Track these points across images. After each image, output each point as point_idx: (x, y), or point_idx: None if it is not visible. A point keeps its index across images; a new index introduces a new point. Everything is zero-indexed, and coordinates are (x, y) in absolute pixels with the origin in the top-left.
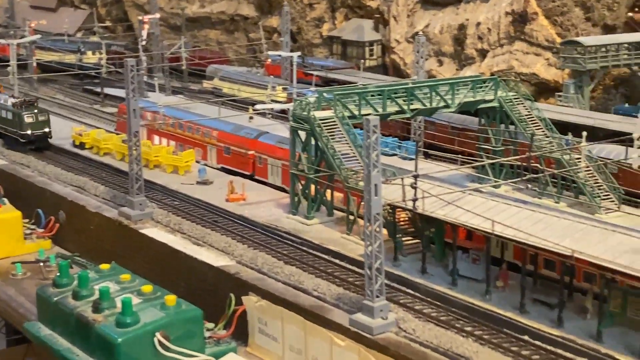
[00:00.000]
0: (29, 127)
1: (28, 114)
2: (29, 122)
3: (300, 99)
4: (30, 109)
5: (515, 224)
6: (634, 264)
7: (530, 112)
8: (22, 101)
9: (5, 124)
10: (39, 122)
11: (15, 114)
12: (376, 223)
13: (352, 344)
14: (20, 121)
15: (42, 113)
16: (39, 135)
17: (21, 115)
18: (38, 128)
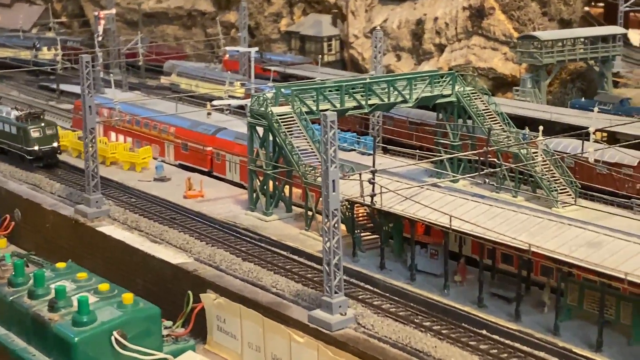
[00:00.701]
0: (35, 142)
1: (34, 128)
2: (36, 136)
3: (258, 95)
4: (37, 122)
5: (473, 219)
6: (590, 257)
7: (487, 106)
8: (27, 113)
9: (9, 139)
10: (47, 137)
11: (20, 128)
12: (334, 219)
13: (311, 341)
14: (26, 136)
15: (50, 126)
16: (47, 151)
17: (27, 130)
18: (46, 143)
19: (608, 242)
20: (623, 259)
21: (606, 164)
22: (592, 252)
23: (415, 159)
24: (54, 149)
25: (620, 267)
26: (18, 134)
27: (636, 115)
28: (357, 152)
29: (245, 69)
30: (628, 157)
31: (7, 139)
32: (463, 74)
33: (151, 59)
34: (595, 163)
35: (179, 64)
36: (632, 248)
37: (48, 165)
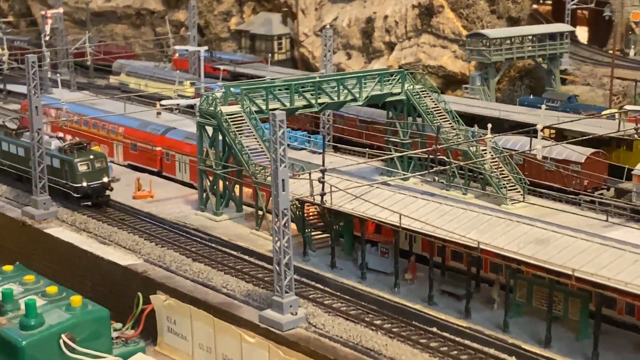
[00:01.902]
0: (83, 177)
1: (81, 161)
2: (84, 171)
3: (207, 94)
4: (84, 154)
5: (422, 217)
6: (538, 254)
7: (437, 104)
8: (71, 144)
9: (51, 173)
10: (96, 171)
11: (65, 162)
12: (284, 218)
13: (262, 341)
14: (72, 170)
15: (99, 159)
16: (97, 188)
17: (73, 163)
18: (95, 178)
19: (556, 239)
20: (571, 255)
21: (554, 161)
22: (540, 249)
23: (365, 158)
24: (103, 185)
25: (568, 264)
26: (62, 168)
27: (583, 112)
28: (307, 151)
29: (195, 68)
30: (576, 154)
31: (50, 173)
32: (413, 72)
33: (100, 58)
34: (544, 160)
35: (128, 63)
36: (579, 244)
37: (97, 204)
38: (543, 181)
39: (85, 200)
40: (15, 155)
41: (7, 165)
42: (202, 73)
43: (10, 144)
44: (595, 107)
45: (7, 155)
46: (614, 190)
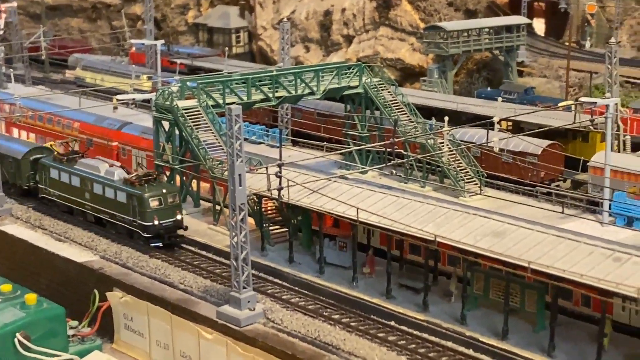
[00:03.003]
0: (154, 214)
1: (153, 196)
2: (155, 207)
3: (163, 89)
4: (155, 187)
5: (380, 210)
6: (494, 246)
7: (394, 97)
8: (139, 176)
9: (113, 208)
10: (168, 207)
11: (133, 196)
12: (241, 213)
13: (220, 337)
14: (142, 206)
15: (171, 193)
16: (169, 227)
17: (143, 199)
18: (167, 216)
19: (512, 231)
20: (527, 247)
21: (511, 153)
22: (496, 242)
23: (323, 151)
24: (176, 224)
25: (524, 256)
26: (129, 203)
27: (540, 104)
28: (265, 144)
29: (152, 62)
30: (532, 146)
31: (110, 207)
32: (370, 65)
33: (55, 52)
34: (500, 152)
35: (84, 57)
36: (535, 236)
37: (169, 245)
38: (500, 173)
39: (155, 241)
40: (68, 186)
41: (56, 196)
42: (159, 67)
43: (62, 172)
44: (552, 99)
45: (57, 185)
46: (570, 182)
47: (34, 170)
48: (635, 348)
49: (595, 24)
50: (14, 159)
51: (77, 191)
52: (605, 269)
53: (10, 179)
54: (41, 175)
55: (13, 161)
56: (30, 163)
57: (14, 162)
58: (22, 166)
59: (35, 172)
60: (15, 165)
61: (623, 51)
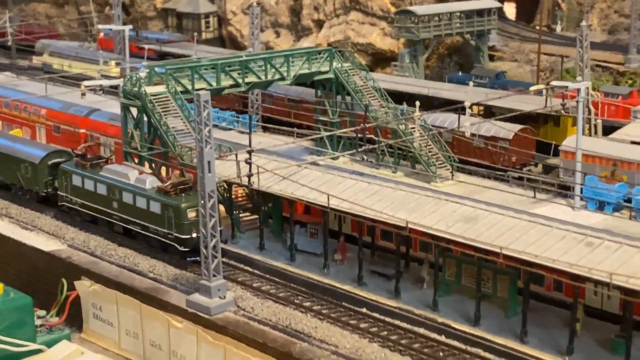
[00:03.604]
0: (192, 227)
1: (191, 206)
2: (193, 218)
3: (130, 75)
4: (192, 197)
5: (351, 197)
6: (466, 232)
7: (365, 82)
8: (174, 184)
9: (145, 219)
10: None
11: (168, 207)
12: (211, 201)
13: (190, 326)
14: (179, 217)
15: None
16: None
17: (180, 210)
18: None
19: (484, 217)
20: (499, 233)
21: (482, 138)
22: (468, 227)
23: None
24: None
25: (496, 242)
26: (163, 214)
27: (511, 89)
28: (236, 131)
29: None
30: (504, 131)
31: (142, 218)
32: (341, 50)
33: (22, 38)
34: (472, 137)
35: (51, 43)
36: (507, 222)
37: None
38: (472, 158)
39: (192, 255)
40: (93, 194)
41: (79, 205)
42: (127, 53)
43: (86, 179)
44: (523, 83)
45: (80, 193)
46: (541, 166)
47: (52, 176)
48: (607, 333)
49: (565, 7)
50: (30, 163)
51: (103, 200)
52: (577, 254)
53: (26, 184)
54: (61, 182)
55: (29, 166)
56: (49, 168)
57: (30, 166)
58: (39, 171)
59: (53, 177)
60: (31, 170)
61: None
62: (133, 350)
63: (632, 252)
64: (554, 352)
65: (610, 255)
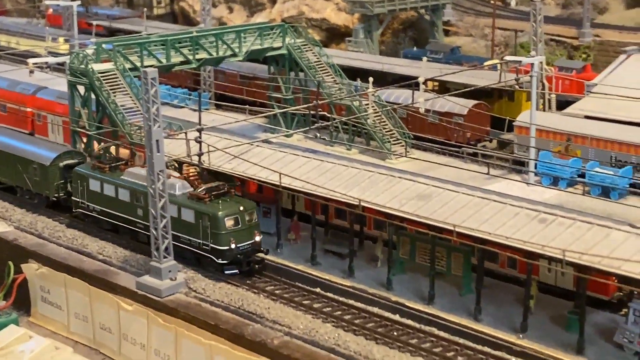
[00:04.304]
0: (231, 237)
1: (229, 214)
2: (231, 227)
3: (77, 51)
4: (230, 204)
5: (304, 175)
6: (420, 210)
7: (319, 58)
8: (208, 188)
9: (175, 228)
10: (246, 227)
11: (204, 215)
12: (160, 181)
13: (141, 308)
14: (215, 227)
15: (249, 210)
16: (248, 250)
17: (217, 218)
18: (244, 237)
19: (438, 194)
20: (452, 210)
21: (437, 114)
22: (422, 205)
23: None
24: (255, 247)
25: (450, 219)
26: (198, 223)
27: (466, 64)
28: (188, 108)
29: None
30: (458, 106)
31: (173, 228)
32: (294, 26)
33: None
34: (426, 113)
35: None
36: (460, 199)
37: (248, 272)
38: (426, 134)
39: (231, 268)
40: (114, 200)
41: (98, 212)
42: (76, 29)
43: (105, 184)
44: (478, 58)
45: (99, 198)
46: (496, 142)
47: (65, 179)
48: (561, 309)
49: None
50: (39, 165)
51: (126, 207)
52: (530, 231)
53: (35, 188)
54: (76, 186)
55: (38, 168)
56: (61, 170)
57: (39, 169)
58: (50, 174)
59: (65, 181)
60: (41, 173)
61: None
62: (83, 333)
63: (585, 228)
64: (508, 330)
65: (563, 232)
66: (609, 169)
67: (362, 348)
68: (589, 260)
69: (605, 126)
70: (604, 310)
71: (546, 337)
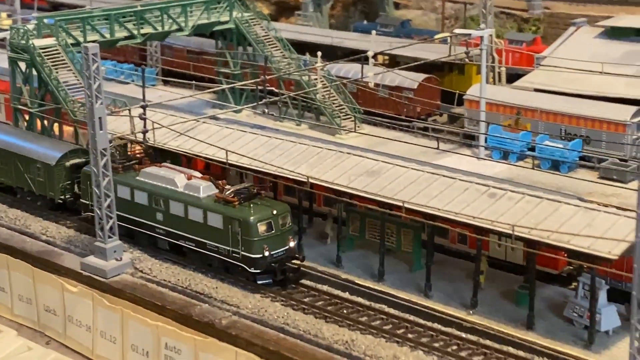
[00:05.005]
0: (264, 244)
1: (261, 219)
2: (264, 233)
3: (17, 27)
4: (261, 207)
5: (251, 152)
6: (369, 186)
7: (267, 32)
8: (237, 191)
9: (200, 234)
10: (279, 233)
11: (233, 220)
12: (104, 159)
13: (85, 290)
14: (247, 233)
15: (282, 213)
16: (282, 258)
17: (249, 223)
18: (278, 244)
19: (387, 170)
20: (402, 186)
21: (387, 88)
22: (371, 181)
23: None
24: (289, 253)
25: (399, 195)
26: (226, 228)
27: (416, 37)
28: (134, 84)
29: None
30: (408, 81)
31: (197, 233)
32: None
33: None
34: (376, 88)
35: None
36: (410, 174)
37: (282, 281)
38: (376, 109)
39: (264, 277)
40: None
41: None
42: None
43: (120, 185)
44: (428, 32)
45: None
46: (447, 116)
47: (72, 180)
48: (511, 284)
49: None
50: (44, 164)
51: (143, 211)
52: (480, 206)
53: (38, 189)
54: (86, 188)
55: (43, 168)
56: (67, 170)
57: (43, 168)
58: (55, 174)
59: (72, 182)
60: (45, 173)
61: None
62: (27, 316)
63: (534, 202)
64: (458, 306)
65: (513, 206)
66: (559, 142)
67: (311, 327)
68: (538, 235)
69: (554, 99)
70: (554, 284)
71: (496, 312)
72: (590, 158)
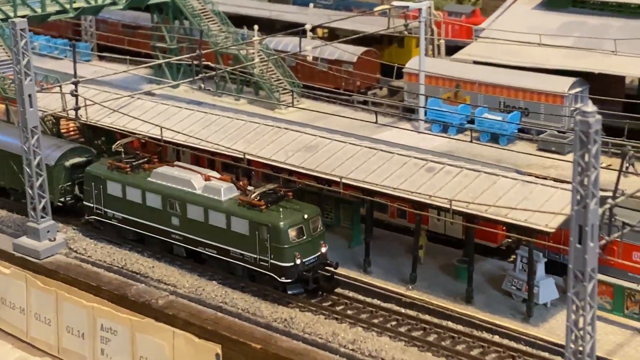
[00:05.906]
0: (295, 251)
1: (292, 224)
2: (294, 239)
3: None
4: (290, 211)
5: (187, 128)
6: (306, 162)
7: (204, 6)
8: (264, 193)
9: (223, 240)
10: (311, 239)
11: (261, 226)
12: (34, 137)
13: (18, 271)
14: (277, 240)
15: (313, 217)
16: (314, 265)
17: (279, 229)
18: (311, 251)
19: (324, 145)
20: (340, 161)
21: (326, 62)
22: (309, 156)
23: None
24: (322, 259)
25: (337, 170)
26: (253, 235)
27: (355, 10)
28: (68, 60)
29: None
30: (347, 54)
31: (219, 240)
32: None
33: None
34: (315, 61)
35: None
36: (348, 149)
37: (315, 290)
38: (316, 83)
39: (295, 287)
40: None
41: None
42: None
43: (128, 187)
44: (367, 4)
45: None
46: (386, 89)
47: (72, 181)
48: (451, 258)
49: None
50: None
51: (156, 215)
52: (418, 180)
53: None
54: (89, 190)
55: None
56: (67, 171)
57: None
58: (54, 175)
59: (73, 183)
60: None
61: None
62: None
63: (472, 176)
64: (398, 281)
65: (451, 180)
66: (498, 115)
67: (250, 305)
68: (476, 209)
69: (493, 71)
70: (493, 257)
71: (435, 287)
72: (529, 130)
